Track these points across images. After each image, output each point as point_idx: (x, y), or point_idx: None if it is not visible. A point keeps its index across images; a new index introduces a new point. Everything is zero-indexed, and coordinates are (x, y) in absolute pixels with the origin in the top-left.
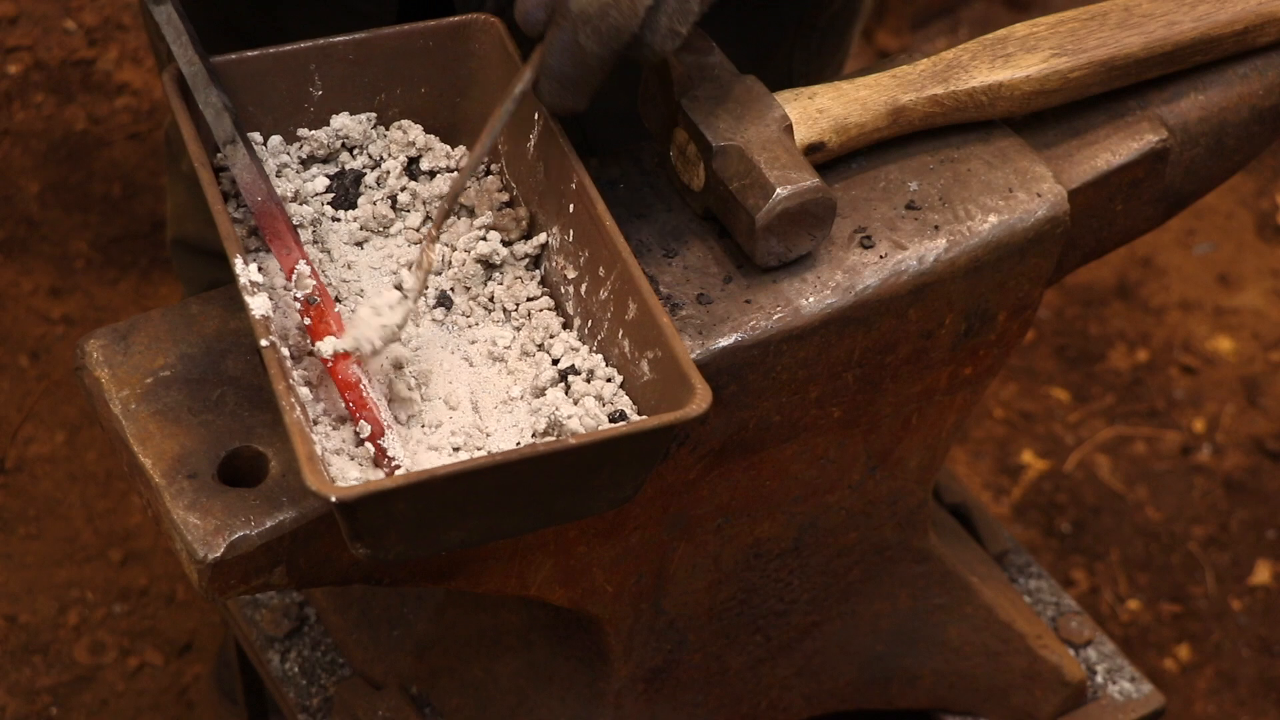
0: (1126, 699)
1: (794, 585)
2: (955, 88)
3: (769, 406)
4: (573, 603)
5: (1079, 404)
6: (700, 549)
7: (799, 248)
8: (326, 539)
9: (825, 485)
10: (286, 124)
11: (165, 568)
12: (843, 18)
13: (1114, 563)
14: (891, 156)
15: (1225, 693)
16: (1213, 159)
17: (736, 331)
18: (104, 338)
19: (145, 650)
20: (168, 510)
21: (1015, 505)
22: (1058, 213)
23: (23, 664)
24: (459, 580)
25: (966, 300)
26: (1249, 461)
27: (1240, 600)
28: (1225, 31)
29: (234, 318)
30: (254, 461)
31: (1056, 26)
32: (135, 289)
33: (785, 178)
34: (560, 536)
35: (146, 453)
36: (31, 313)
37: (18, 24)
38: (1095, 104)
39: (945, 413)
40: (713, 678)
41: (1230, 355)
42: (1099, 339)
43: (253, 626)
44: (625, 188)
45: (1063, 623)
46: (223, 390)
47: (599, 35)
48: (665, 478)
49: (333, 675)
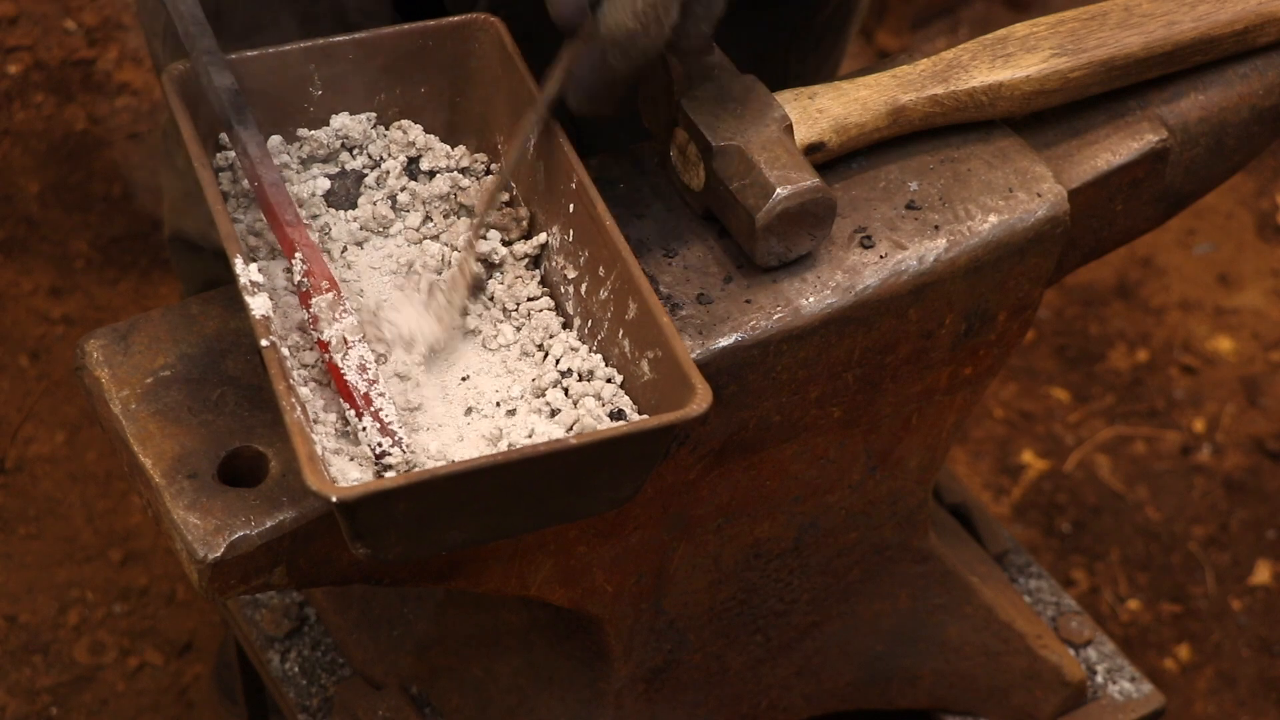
0: (1126, 699)
1: (794, 585)
2: (955, 88)
3: (769, 406)
4: (573, 603)
5: (1079, 404)
6: (700, 549)
7: (799, 248)
8: (326, 539)
9: (825, 485)
10: (286, 124)
11: (165, 568)
12: (838, 19)
13: (1114, 563)
14: (891, 156)
15: (1225, 693)
16: (1213, 159)
17: (736, 331)
18: (104, 338)
19: (145, 650)
20: (168, 510)
21: (1015, 505)
22: (1058, 213)
23: (23, 664)
24: (459, 580)
25: (966, 300)
26: (1249, 461)
27: (1240, 600)
28: (1225, 31)
29: (234, 318)
30: (254, 461)
31: (1056, 26)
32: (135, 289)
33: (785, 178)
34: (560, 537)
35: (146, 453)
36: (31, 313)
37: (18, 24)
38: (1095, 104)
39: (945, 413)
40: (713, 678)
41: (1230, 355)
42: (1099, 339)
43: (253, 626)
44: (625, 188)
45: (1063, 623)
46: (223, 390)
47: (627, 56)
48: (665, 478)
49: (333, 675)
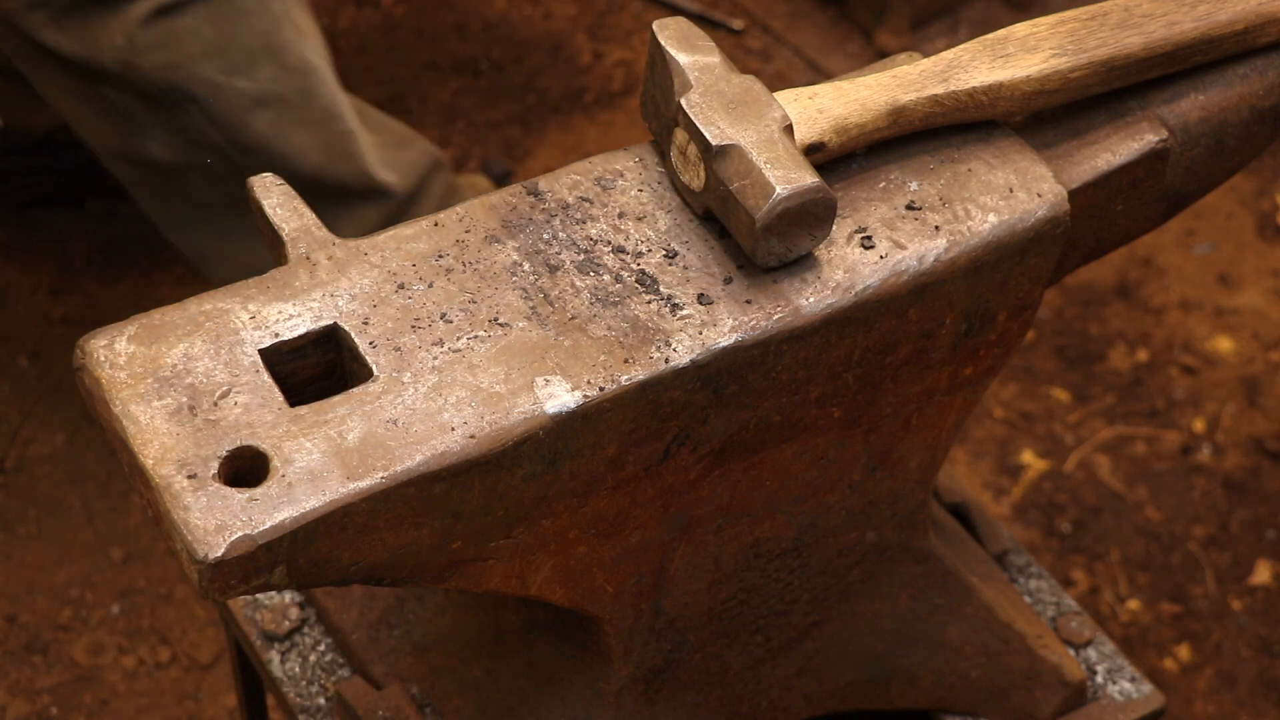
0: (1126, 699)
1: (794, 585)
2: (955, 88)
3: (769, 406)
4: (573, 603)
5: (1079, 404)
6: (700, 549)
7: (799, 248)
8: (326, 539)
9: (825, 485)
10: None
11: (165, 568)
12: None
13: (1114, 563)
14: (891, 156)
15: (1225, 693)
16: (1213, 159)
17: (736, 332)
18: (104, 338)
19: (145, 650)
20: (168, 510)
21: (1015, 505)
22: (1058, 213)
23: (23, 664)
24: (459, 580)
25: (967, 300)
26: (1249, 461)
27: (1240, 600)
28: (1225, 31)
29: (234, 316)
30: (254, 461)
31: (1057, 27)
32: (135, 289)
33: (785, 178)
34: (561, 537)
35: (146, 453)
36: (31, 313)
37: None
38: (1095, 104)
39: (945, 413)
40: (713, 678)
41: (1230, 355)
42: (1099, 339)
43: (253, 626)
44: (625, 187)
45: (1063, 623)
46: (223, 390)
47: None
48: (665, 478)
49: (333, 675)
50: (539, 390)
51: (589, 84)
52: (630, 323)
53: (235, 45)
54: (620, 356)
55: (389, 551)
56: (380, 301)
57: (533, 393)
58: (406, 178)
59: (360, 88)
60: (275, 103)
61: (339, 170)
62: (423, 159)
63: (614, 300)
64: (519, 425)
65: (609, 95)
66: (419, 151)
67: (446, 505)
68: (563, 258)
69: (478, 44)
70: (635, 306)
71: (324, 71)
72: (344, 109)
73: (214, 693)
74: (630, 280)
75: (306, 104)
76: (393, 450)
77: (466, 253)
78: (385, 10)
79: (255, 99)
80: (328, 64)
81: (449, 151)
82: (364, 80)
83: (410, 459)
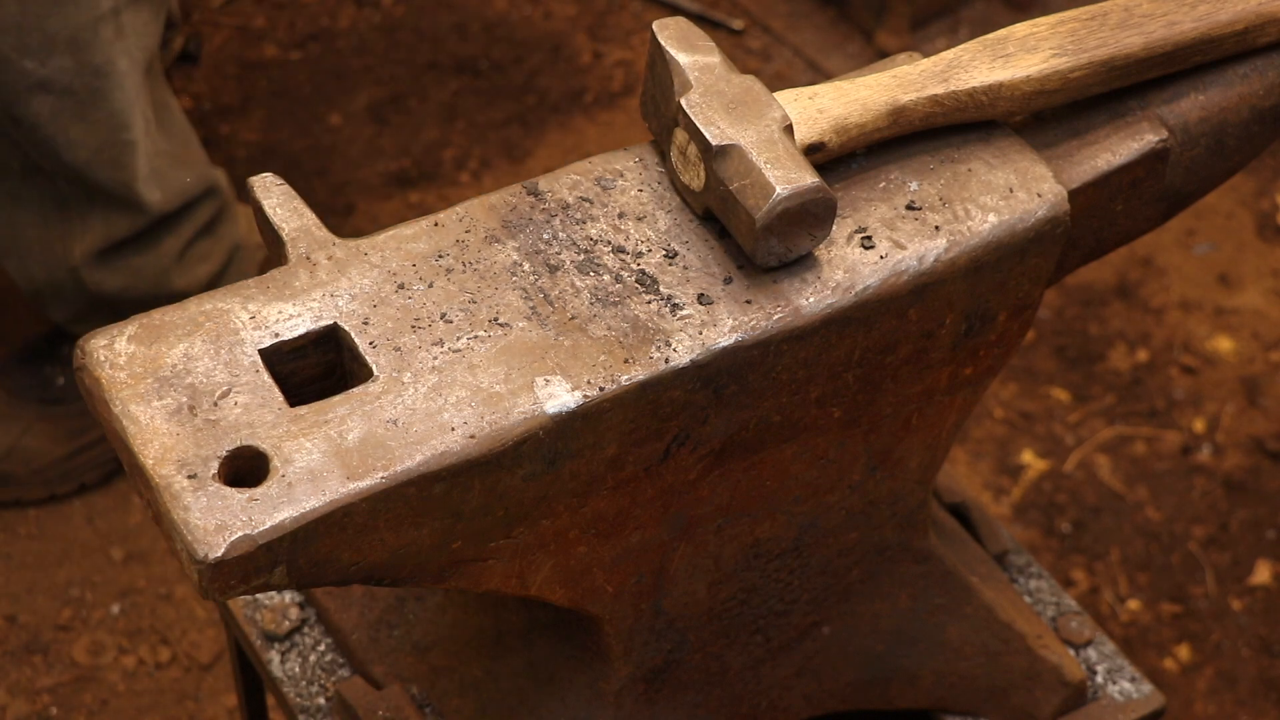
0: (1126, 699)
1: (794, 585)
2: (955, 88)
3: (769, 406)
4: (573, 603)
5: (1079, 404)
6: (700, 549)
7: (799, 248)
8: (326, 539)
9: (825, 485)
10: None
11: (165, 568)
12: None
13: (1114, 563)
14: (891, 156)
15: (1225, 693)
16: (1213, 159)
17: (736, 332)
18: (104, 337)
19: (145, 650)
20: (168, 510)
21: (1015, 505)
22: (1058, 213)
23: (23, 664)
24: (459, 580)
25: (967, 300)
26: (1249, 461)
27: (1240, 600)
28: (1225, 31)
29: (234, 316)
30: (254, 461)
31: (1057, 27)
32: None
33: (785, 178)
34: (561, 537)
35: (146, 453)
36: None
37: None
38: (1095, 104)
39: (945, 413)
40: (713, 678)
41: (1230, 355)
42: (1099, 339)
43: (253, 626)
44: (625, 187)
45: (1063, 623)
46: (223, 390)
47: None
48: (665, 478)
49: (333, 675)
50: (539, 390)
51: (589, 84)
52: (630, 323)
53: (36, 28)
54: (620, 356)
55: (389, 551)
56: (380, 301)
57: (533, 393)
58: (169, 199)
59: (360, 88)
60: (59, 92)
61: (102, 174)
62: (196, 185)
63: (614, 300)
64: (519, 425)
65: (609, 95)
66: (197, 176)
67: (446, 505)
68: (563, 258)
69: (478, 44)
70: (635, 306)
71: (128, 77)
72: (134, 118)
73: (214, 693)
74: (630, 280)
75: (93, 103)
76: (393, 450)
77: (466, 253)
78: (385, 10)
79: (39, 82)
80: (139, 70)
81: (449, 151)
82: (364, 80)
83: (410, 459)
